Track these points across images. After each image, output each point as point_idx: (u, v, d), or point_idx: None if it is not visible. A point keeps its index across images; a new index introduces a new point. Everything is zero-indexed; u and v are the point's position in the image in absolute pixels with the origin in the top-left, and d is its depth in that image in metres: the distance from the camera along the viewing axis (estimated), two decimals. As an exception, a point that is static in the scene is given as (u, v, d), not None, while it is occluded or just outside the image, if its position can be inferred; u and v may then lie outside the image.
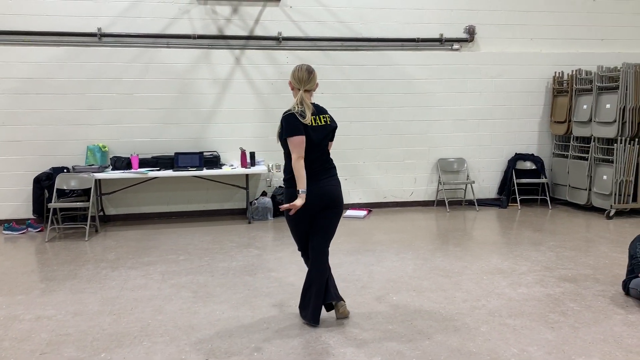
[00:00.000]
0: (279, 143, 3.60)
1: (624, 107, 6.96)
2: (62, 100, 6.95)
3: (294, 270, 4.91)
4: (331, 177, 3.60)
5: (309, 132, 3.44)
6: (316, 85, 3.62)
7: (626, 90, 6.95)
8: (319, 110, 3.57)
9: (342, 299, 3.76)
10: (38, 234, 6.56)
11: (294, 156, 3.41)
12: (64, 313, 3.91)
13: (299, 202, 3.37)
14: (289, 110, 3.47)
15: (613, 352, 3.21)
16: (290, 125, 3.41)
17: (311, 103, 3.54)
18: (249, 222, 7.02)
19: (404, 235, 6.21)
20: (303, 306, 3.72)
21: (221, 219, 7.32)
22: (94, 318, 3.81)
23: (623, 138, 7.00)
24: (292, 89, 3.60)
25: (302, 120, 3.41)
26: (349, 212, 7.45)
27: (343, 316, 3.74)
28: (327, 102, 7.57)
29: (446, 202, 7.88)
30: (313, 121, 3.49)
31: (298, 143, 3.39)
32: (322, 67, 7.50)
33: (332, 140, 3.68)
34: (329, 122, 3.59)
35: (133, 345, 3.37)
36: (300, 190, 3.39)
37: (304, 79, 3.53)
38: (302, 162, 3.39)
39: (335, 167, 3.67)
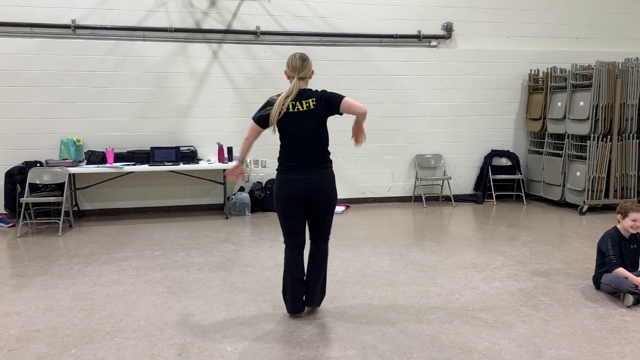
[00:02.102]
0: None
1: (597, 104, 7.09)
2: (35, 93, 6.81)
3: (270, 265, 4.90)
4: (314, 170, 3.51)
5: (284, 120, 3.47)
6: (312, 73, 3.61)
7: (599, 88, 7.07)
8: (305, 95, 3.49)
9: (312, 306, 3.77)
10: (10, 229, 6.43)
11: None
12: (34, 309, 3.85)
13: (232, 164, 3.59)
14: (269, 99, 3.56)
15: (582, 344, 3.27)
16: (259, 109, 3.57)
17: (302, 89, 3.52)
18: (227, 218, 6.98)
19: (381, 231, 6.24)
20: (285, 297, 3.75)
21: (198, 214, 7.27)
22: (65, 314, 3.75)
23: (596, 135, 7.12)
24: (288, 78, 3.59)
25: (270, 107, 3.48)
26: (326, 208, 7.45)
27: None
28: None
29: (423, 197, 7.94)
30: (291, 107, 3.47)
31: (250, 127, 3.59)
32: (301, 62, 7.47)
33: (339, 107, 3.46)
34: (311, 107, 3.46)
35: (105, 341, 3.33)
36: (238, 157, 3.71)
37: (298, 66, 3.52)
38: (246, 140, 3.61)
39: (327, 160, 3.59)
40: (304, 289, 3.68)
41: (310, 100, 3.49)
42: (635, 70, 7.18)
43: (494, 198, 8.08)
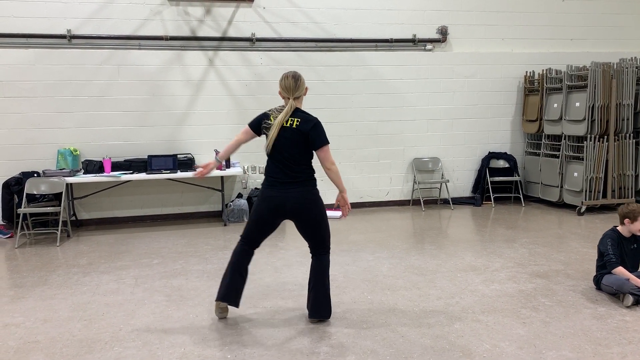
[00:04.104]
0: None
1: (593, 105, 7.10)
2: (31, 104, 6.81)
3: (269, 271, 4.89)
4: (289, 187, 3.54)
5: (275, 133, 3.51)
6: (306, 90, 3.65)
7: (595, 88, 7.09)
8: (293, 114, 3.55)
9: (227, 303, 3.76)
10: (8, 240, 6.41)
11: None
12: (33, 320, 3.83)
13: (210, 161, 3.77)
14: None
15: (582, 345, 3.26)
16: (255, 118, 3.68)
17: (296, 109, 3.57)
18: (225, 225, 6.97)
19: (380, 235, 6.24)
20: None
21: (196, 221, 7.25)
22: (64, 324, 3.74)
23: (592, 135, 7.14)
24: (283, 98, 3.61)
25: (266, 119, 3.58)
26: (325, 213, 7.44)
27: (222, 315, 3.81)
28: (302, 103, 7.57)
29: (421, 201, 7.94)
30: (285, 122, 3.52)
31: (244, 129, 3.69)
32: (296, 68, 7.49)
33: (316, 149, 3.54)
34: (295, 126, 3.51)
35: (104, 351, 3.31)
36: (216, 157, 3.79)
37: (291, 87, 3.55)
38: (236, 140, 3.69)
39: (304, 179, 3.58)
40: (242, 285, 3.73)
41: (296, 119, 3.54)
42: (630, 70, 7.20)
43: (492, 200, 8.08)
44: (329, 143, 3.59)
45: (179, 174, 6.73)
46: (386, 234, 6.27)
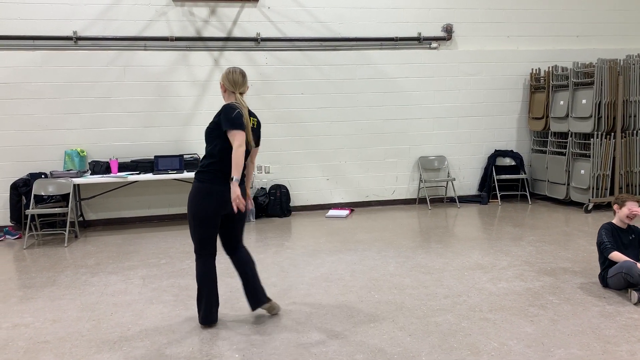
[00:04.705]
0: (211, 134, 3.51)
1: (600, 102, 7.07)
2: (38, 105, 6.85)
3: (275, 271, 4.90)
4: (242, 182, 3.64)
5: (247, 132, 3.48)
6: (247, 88, 3.66)
7: (601, 85, 7.06)
8: (250, 113, 3.60)
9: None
10: (16, 241, 6.46)
11: (236, 144, 3.34)
12: (42, 320, 3.85)
13: (238, 190, 3.37)
14: (234, 105, 3.47)
15: (591, 343, 3.25)
16: (236, 119, 3.39)
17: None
18: (231, 224, 6.98)
19: (386, 234, 6.23)
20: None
21: (203, 221, 7.26)
22: (73, 324, 3.76)
23: (599, 133, 7.10)
24: (225, 92, 3.61)
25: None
26: (331, 212, 7.45)
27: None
28: (307, 102, 7.58)
29: (428, 199, 7.93)
30: (250, 122, 3.55)
31: (241, 135, 3.37)
32: (302, 67, 7.50)
33: (257, 146, 3.71)
34: (255, 126, 3.64)
35: (113, 351, 3.33)
36: (234, 177, 3.35)
37: (239, 81, 3.58)
38: (243, 150, 3.36)
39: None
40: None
41: (254, 120, 3.65)
42: (637, 66, 7.16)
43: (499, 198, 8.06)
44: None
45: (186, 174, 6.75)
46: (392, 233, 6.27)
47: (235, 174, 3.34)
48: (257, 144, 3.71)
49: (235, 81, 3.56)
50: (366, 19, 7.66)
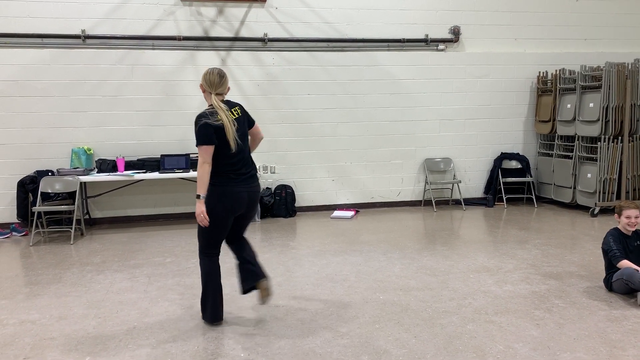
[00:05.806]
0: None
1: (607, 105, 7.05)
2: (46, 103, 6.88)
3: (281, 271, 4.90)
4: (253, 180, 3.66)
5: (227, 133, 3.42)
6: (227, 89, 3.62)
7: (609, 89, 7.03)
8: (230, 105, 3.59)
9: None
10: (22, 238, 6.49)
11: (200, 160, 3.39)
12: (48, 317, 3.87)
13: (202, 207, 3.43)
14: (202, 114, 3.45)
15: (597, 347, 3.24)
16: (200, 134, 3.41)
17: (222, 101, 3.55)
18: (237, 224, 6.99)
19: (391, 235, 6.23)
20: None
21: (208, 221, 7.27)
22: (79, 322, 3.77)
23: (606, 136, 7.08)
24: (204, 92, 3.61)
25: (214, 123, 3.40)
26: (336, 213, 7.45)
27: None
28: (313, 103, 7.59)
29: (433, 201, 7.91)
30: (231, 114, 3.52)
31: (206, 151, 3.39)
32: (308, 68, 7.51)
33: (252, 126, 3.73)
34: (240, 114, 3.61)
35: (118, 348, 3.34)
36: (200, 195, 3.41)
37: (216, 82, 3.54)
38: (208, 167, 3.40)
39: (255, 168, 3.72)
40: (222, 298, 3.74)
41: (236, 108, 3.62)
42: (645, 70, 7.14)
43: (505, 201, 8.04)
44: None
45: (192, 173, 6.76)
46: (398, 235, 6.26)
47: (200, 190, 3.41)
48: (251, 125, 3.74)
49: (211, 82, 3.52)
50: (373, 20, 7.66)
